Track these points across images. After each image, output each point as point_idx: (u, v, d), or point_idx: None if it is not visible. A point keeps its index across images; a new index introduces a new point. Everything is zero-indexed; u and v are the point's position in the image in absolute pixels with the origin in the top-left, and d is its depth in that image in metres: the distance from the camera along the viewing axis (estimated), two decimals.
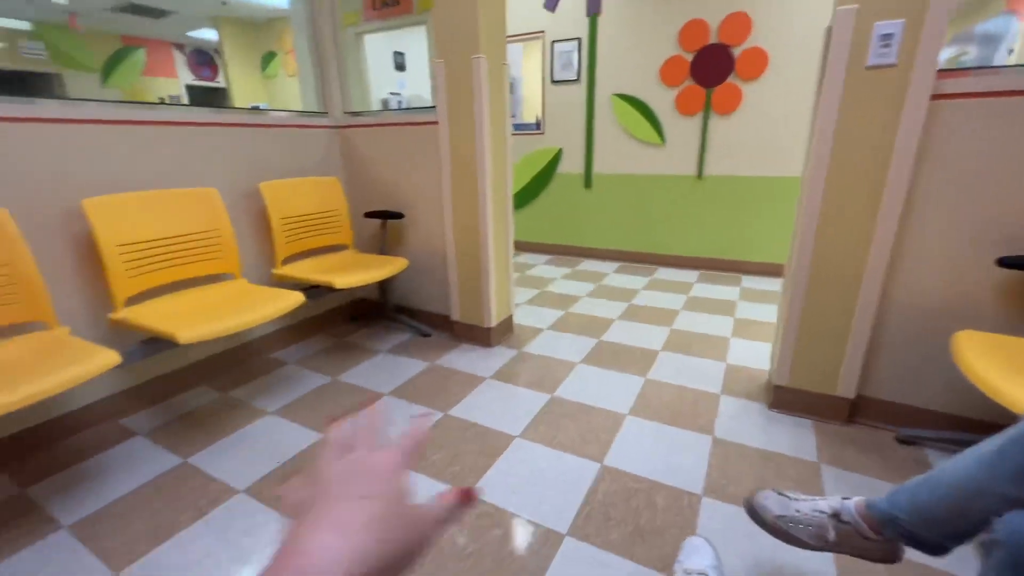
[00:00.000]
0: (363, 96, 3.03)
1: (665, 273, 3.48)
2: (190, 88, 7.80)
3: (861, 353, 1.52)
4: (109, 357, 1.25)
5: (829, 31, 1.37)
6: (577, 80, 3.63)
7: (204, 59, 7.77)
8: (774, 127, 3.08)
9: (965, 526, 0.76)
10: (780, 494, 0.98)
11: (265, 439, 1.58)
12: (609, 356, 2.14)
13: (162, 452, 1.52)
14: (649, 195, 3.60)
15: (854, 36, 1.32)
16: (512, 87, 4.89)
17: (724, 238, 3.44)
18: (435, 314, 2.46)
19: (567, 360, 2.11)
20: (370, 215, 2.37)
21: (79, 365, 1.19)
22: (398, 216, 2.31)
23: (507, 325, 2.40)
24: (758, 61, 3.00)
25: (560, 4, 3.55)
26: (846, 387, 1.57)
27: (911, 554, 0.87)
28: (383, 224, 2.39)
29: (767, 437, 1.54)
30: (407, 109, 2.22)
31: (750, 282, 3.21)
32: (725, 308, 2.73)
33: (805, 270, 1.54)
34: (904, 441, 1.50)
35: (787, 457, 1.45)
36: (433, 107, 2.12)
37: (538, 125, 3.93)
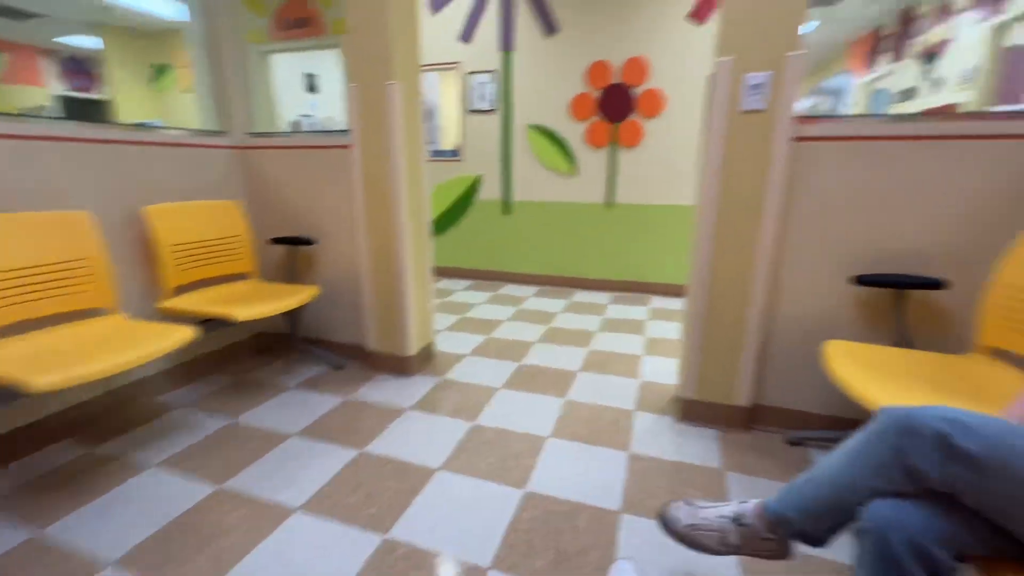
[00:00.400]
0: (270, 117, 2.88)
1: (582, 296, 3.62)
2: (63, 99, 6.92)
3: (753, 365, 1.68)
4: None
5: (711, 79, 1.55)
6: (493, 110, 3.74)
7: (79, 68, 6.97)
8: (673, 160, 3.39)
9: (842, 517, 0.85)
10: (689, 504, 1.03)
11: (143, 499, 1.37)
12: (530, 379, 2.16)
13: (8, 525, 1.26)
14: (564, 221, 3.75)
15: (731, 84, 1.49)
16: (430, 114, 4.92)
17: (634, 261, 3.66)
18: (350, 345, 2.34)
19: (489, 386, 2.10)
20: (277, 241, 2.22)
21: None
22: (308, 242, 2.19)
23: (428, 353, 2.34)
24: (656, 100, 3.30)
25: (476, 37, 3.66)
26: (742, 397, 1.71)
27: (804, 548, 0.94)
28: (291, 250, 2.24)
29: (677, 449, 1.63)
30: (318, 132, 2.13)
31: (658, 302, 3.44)
32: (637, 328, 2.89)
33: (703, 291, 1.68)
34: (793, 443, 1.66)
35: (696, 466, 1.53)
36: (346, 131, 2.06)
37: (457, 152, 3.97)
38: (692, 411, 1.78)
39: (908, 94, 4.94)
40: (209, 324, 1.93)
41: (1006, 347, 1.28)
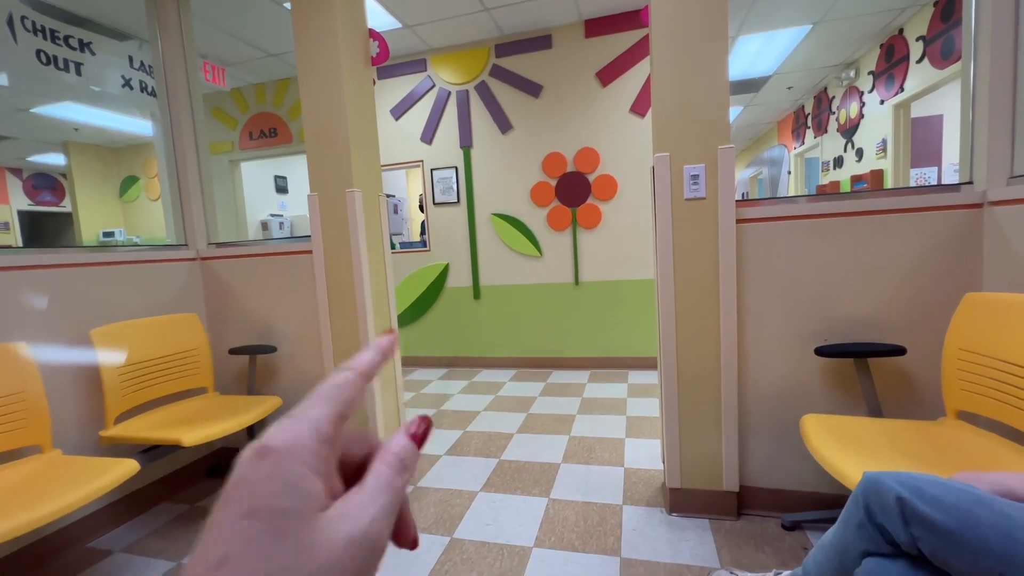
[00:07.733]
0: (237, 222, 2.91)
1: (559, 376, 3.56)
2: (25, 215, 6.89)
3: (735, 444, 1.63)
4: None
5: (653, 170, 1.65)
6: (457, 202, 3.89)
7: (47, 183, 7.03)
8: (631, 238, 3.53)
9: None
10: (732, 573, 1.02)
11: None
12: (510, 477, 2.04)
13: None
14: (535, 303, 3.79)
15: (672, 175, 1.60)
16: (397, 208, 5.06)
17: (606, 337, 3.67)
18: None
19: (467, 490, 1.96)
20: (236, 351, 2.14)
21: None
22: (269, 350, 2.11)
23: None
24: (609, 185, 3.50)
25: (436, 137, 3.89)
26: (730, 480, 1.64)
27: None
28: (252, 360, 2.16)
29: (671, 548, 1.52)
30: (280, 239, 2.15)
31: (636, 376, 3.40)
32: (617, 407, 2.82)
33: (672, 369, 1.67)
34: (789, 527, 1.58)
35: (692, 568, 1.42)
36: (307, 236, 2.08)
37: (424, 243, 4.05)
38: (681, 501, 1.69)
39: (838, 162, 5.43)
40: (156, 450, 1.78)
41: (972, 410, 1.28)
